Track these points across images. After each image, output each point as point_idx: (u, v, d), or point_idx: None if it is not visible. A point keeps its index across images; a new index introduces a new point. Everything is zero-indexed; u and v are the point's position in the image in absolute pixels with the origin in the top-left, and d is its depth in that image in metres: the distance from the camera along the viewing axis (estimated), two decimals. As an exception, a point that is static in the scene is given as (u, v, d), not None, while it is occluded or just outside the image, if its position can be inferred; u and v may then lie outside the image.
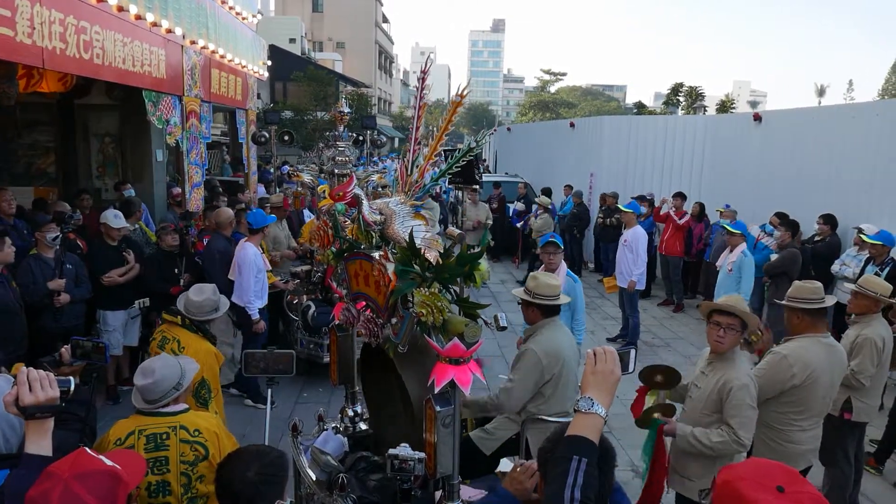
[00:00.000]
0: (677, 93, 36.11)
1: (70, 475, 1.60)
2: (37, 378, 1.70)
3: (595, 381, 1.76)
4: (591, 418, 1.69)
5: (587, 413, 1.70)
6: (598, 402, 1.71)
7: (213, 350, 3.80)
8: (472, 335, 2.42)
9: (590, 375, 1.78)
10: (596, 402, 1.70)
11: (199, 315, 3.86)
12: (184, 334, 3.76)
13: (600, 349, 1.83)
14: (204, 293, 3.93)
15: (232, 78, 8.46)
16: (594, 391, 1.73)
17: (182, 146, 6.64)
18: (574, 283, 5.53)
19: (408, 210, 2.78)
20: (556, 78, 74.40)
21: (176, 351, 3.60)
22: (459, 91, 2.76)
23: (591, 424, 1.69)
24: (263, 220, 6.25)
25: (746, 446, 3.21)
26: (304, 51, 40.58)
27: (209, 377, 3.63)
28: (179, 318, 3.83)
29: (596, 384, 1.75)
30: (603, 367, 1.78)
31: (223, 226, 6.35)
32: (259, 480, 2.00)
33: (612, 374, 1.77)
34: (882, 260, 6.33)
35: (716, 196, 10.28)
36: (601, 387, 1.75)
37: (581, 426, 1.69)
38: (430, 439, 2.47)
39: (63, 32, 4.17)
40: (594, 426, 1.69)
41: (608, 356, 1.79)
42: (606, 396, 1.74)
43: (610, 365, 1.78)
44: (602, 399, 1.72)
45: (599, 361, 1.79)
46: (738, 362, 3.30)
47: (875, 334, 4.17)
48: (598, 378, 1.77)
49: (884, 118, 7.71)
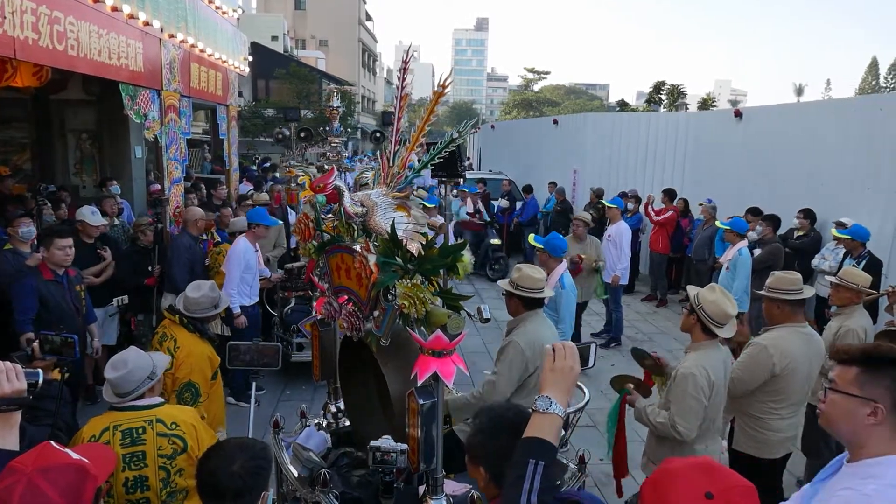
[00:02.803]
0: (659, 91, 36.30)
1: (34, 469, 1.54)
2: (3, 370, 1.64)
3: (553, 379, 1.70)
4: (549, 418, 1.63)
5: (545, 413, 1.64)
6: (556, 402, 1.65)
7: (207, 353, 3.68)
8: (455, 327, 2.40)
9: (548, 373, 1.72)
10: (554, 401, 1.65)
11: (199, 312, 3.76)
12: (181, 334, 3.66)
13: (559, 345, 1.77)
14: (201, 290, 3.83)
15: (212, 73, 8.35)
16: (552, 389, 1.68)
17: (161, 141, 6.54)
18: (562, 290, 5.29)
19: (389, 202, 2.75)
20: (539, 77, 74.62)
21: (171, 350, 3.52)
22: (442, 81, 2.73)
23: (549, 424, 1.63)
24: (255, 219, 6.15)
25: (684, 436, 3.19)
26: (286, 48, 40.28)
27: (198, 380, 3.55)
28: (178, 316, 3.73)
29: (554, 382, 1.70)
30: (562, 364, 1.72)
31: (189, 223, 6.26)
32: (245, 473, 1.95)
33: (572, 370, 1.72)
34: (858, 253, 6.42)
35: (698, 191, 10.35)
36: (560, 385, 1.69)
37: (538, 427, 1.63)
38: (414, 433, 2.44)
39: (35, 22, 4.07)
40: (552, 426, 1.63)
41: (567, 352, 1.74)
42: (565, 395, 1.69)
43: (569, 361, 1.72)
44: (560, 398, 1.66)
45: (559, 358, 1.73)
46: (700, 352, 3.30)
47: (858, 325, 4.24)
48: (556, 376, 1.71)
49: (862, 114, 7.81)
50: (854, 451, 1.89)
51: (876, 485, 1.75)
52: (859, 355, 1.89)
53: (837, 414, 1.89)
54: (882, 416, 1.81)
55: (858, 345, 1.99)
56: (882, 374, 1.83)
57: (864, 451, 1.84)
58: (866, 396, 1.83)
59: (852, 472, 1.86)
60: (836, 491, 1.84)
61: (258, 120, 24.82)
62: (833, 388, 1.91)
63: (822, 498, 1.90)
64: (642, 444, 3.68)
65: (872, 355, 1.87)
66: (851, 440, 1.89)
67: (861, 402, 1.83)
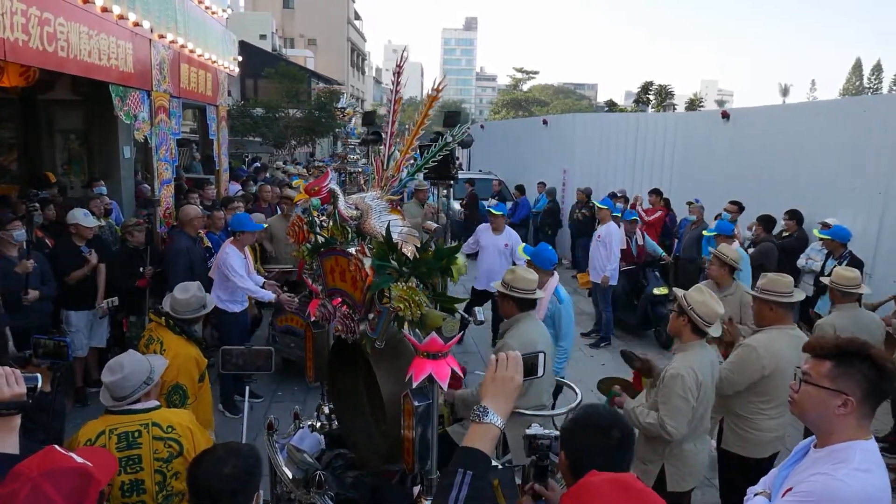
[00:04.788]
0: (647, 91, 36.57)
1: (38, 473, 1.54)
2: (2, 374, 1.65)
3: (493, 389, 1.69)
4: (485, 428, 1.61)
5: (480, 423, 1.62)
6: (494, 411, 1.63)
7: (194, 355, 3.67)
8: (450, 329, 2.43)
9: (489, 383, 1.71)
10: (491, 410, 1.63)
11: (187, 313, 3.75)
12: (167, 336, 3.66)
13: (503, 355, 1.75)
14: (189, 291, 3.82)
15: (202, 73, 8.32)
16: (490, 399, 1.66)
17: (151, 142, 6.50)
18: (560, 304, 4.82)
19: (384, 205, 2.77)
20: (528, 76, 74.90)
21: (158, 352, 3.51)
22: (435, 86, 2.76)
23: (484, 434, 1.61)
24: (239, 226, 5.97)
25: (673, 435, 3.23)
26: (275, 47, 40.07)
27: (186, 382, 3.54)
28: (164, 318, 3.72)
29: (494, 392, 1.68)
30: (503, 374, 1.70)
31: (185, 223, 6.21)
32: (238, 474, 1.96)
33: (512, 380, 1.70)
34: (840, 254, 6.50)
35: (686, 191, 10.42)
36: (499, 394, 1.68)
37: (473, 437, 1.61)
38: (409, 434, 2.46)
39: (26, 23, 4.05)
40: (487, 436, 1.61)
41: (510, 362, 1.72)
42: (504, 404, 1.67)
43: (510, 371, 1.71)
44: (499, 407, 1.65)
45: (500, 368, 1.72)
46: (688, 353, 3.35)
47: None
48: (496, 385, 1.69)
49: (848, 116, 7.92)
50: (822, 438, 2.02)
51: (847, 469, 1.89)
52: (833, 350, 1.99)
53: (809, 404, 2.01)
54: (852, 408, 1.93)
55: (832, 339, 2.07)
56: (854, 369, 1.94)
57: (833, 438, 1.98)
58: (838, 389, 1.94)
59: (822, 457, 1.98)
60: (809, 476, 1.95)
61: (247, 119, 24.68)
62: (807, 380, 2.02)
63: (793, 482, 2.02)
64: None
65: (846, 350, 1.97)
66: (821, 427, 2.01)
67: (833, 394, 1.95)
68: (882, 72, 73.73)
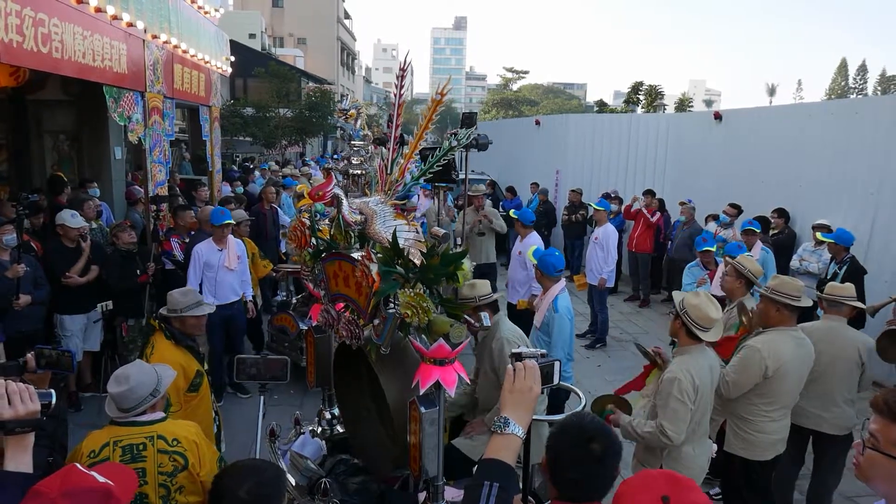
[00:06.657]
0: (637, 91, 36.67)
1: (59, 493, 1.51)
2: (16, 391, 1.59)
3: (512, 400, 1.69)
4: (507, 439, 1.62)
5: (502, 434, 1.63)
6: (515, 422, 1.64)
7: (179, 361, 3.55)
8: (458, 335, 2.41)
9: (507, 394, 1.71)
10: (512, 421, 1.64)
11: (181, 308, 3.68)
12: (159, 340, 3.61)
13: (520, 365, 1.76)
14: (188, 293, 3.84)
15: (195, 74, 8.24)
16: (510, 410, 1.67)
17: (145, 143, 6.43)
18: (555, 314, 4.69)
19: (389, 210, 2.75)
20: (518, 76, 74.88)
21: (147, 355, 3.47)
22: (440, 90, 2.74)
23: (506, 446, 1.62)
24: (219, 219, 6.01)
25: (673, 440, 3.22)
26: (264, 46, 39.81)
27: (169, 390, 3.49)
28: (158, 322, 3.69)
29: (513, 403, 1.69)
30: (521, 385, 1.71)
31: (205, 223, 6.23)
32: (250, 500, 1.92)
33: (531, 391, 1.71)
34: (841, 258, 6.42)
35: (678, 192, 10.49)
36: (518, 406, 1.68)
37: (496, 448, 1.62)
38: (415, 441, 2.45)
39: (20, 25, 3.99)
40: (510, 447, 1.62)
41: (528, 373, 1.73)
42: (525, 415, 1.67)
43: (529, 382, 1.71)
44: (519, 418, 1.65)
45: (518, 379, 1.72)
46: (685, 356, 3.35)
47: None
48: (515, 397, 1.70)
49: (839, 117, 7.98)
50: None
51: None
52: None
53: (876, 474, 1.69)
54: None
55: None
56: None
57: None
58: None
59: None
60: None
61: (237, 119, 24.49)
62: (874, 446, 1.69)
63: None
64: (631, 446, 3.73)
65: None
66: (890, 496, 1.71)
67: None
68: (867, 72, 74.78)
